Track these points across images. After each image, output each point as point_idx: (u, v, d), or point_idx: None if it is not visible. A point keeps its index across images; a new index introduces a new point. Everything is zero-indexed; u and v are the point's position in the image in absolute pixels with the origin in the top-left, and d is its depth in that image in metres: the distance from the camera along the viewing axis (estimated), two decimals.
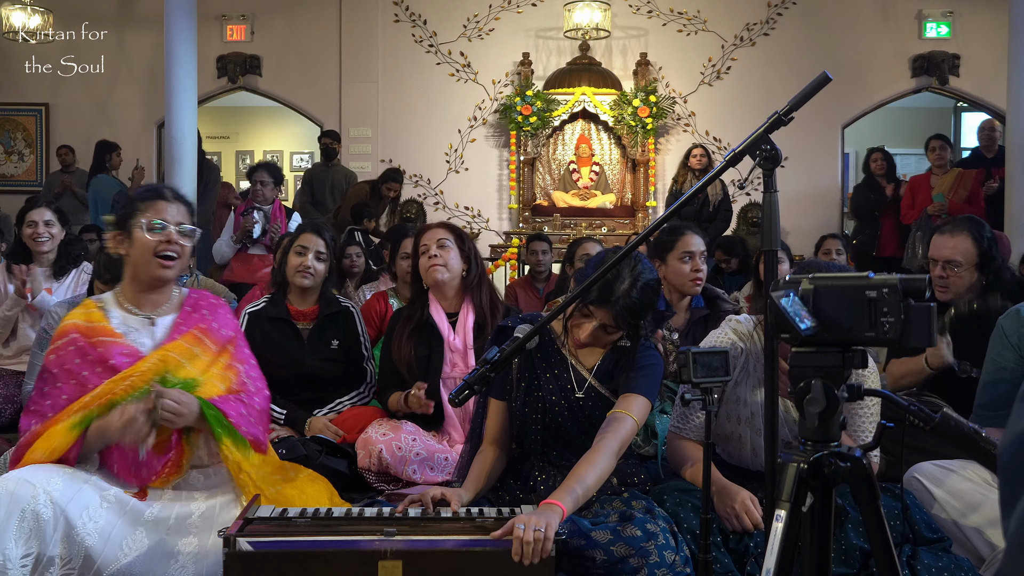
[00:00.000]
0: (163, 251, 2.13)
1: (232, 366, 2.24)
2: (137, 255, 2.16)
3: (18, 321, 3.77)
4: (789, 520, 1.32)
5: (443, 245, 2.94)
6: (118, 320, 2.19)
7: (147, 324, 2.20)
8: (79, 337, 2.13)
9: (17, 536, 1.82)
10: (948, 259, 2.80)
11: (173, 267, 2.16)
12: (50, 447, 1.99)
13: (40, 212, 3.85)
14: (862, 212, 7.55)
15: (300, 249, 3.22)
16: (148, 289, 2.20)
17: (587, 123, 8.50)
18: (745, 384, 2.33)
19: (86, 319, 2.16)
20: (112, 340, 2.13)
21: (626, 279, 2.11)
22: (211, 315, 2.26)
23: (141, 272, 2.18)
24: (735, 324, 2.39)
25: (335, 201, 7.44)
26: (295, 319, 3.23)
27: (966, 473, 2.35)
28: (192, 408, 2.04)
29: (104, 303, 2.22)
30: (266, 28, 8.83)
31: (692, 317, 3.21)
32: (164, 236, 2.13)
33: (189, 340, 2.18)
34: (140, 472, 2.07)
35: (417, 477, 2.78)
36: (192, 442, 2.12)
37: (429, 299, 3.00)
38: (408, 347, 2.96)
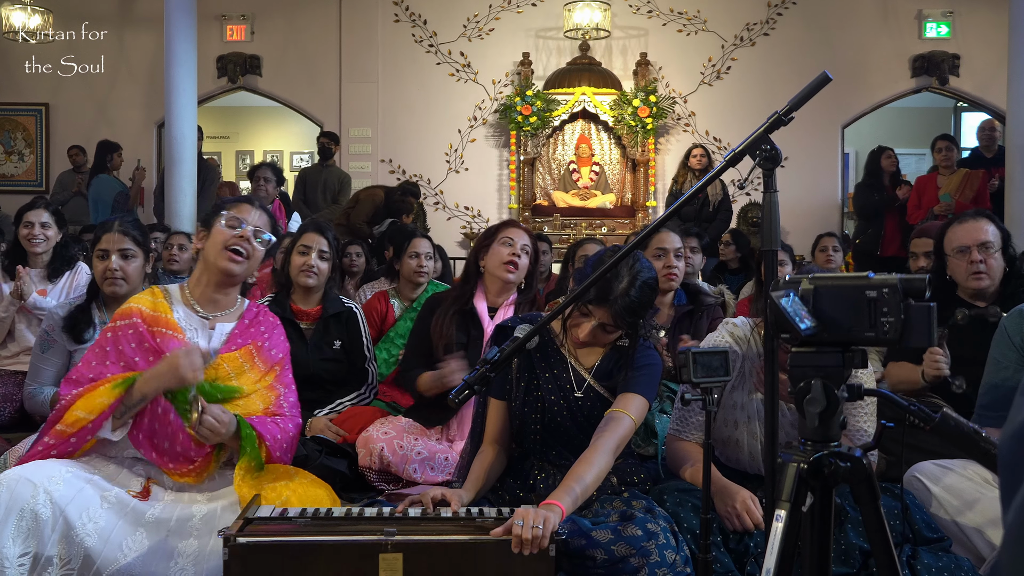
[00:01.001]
0: (234, 244, 2.18)
1: (274, 387, 2.27)
2: (210, 247, 2.22)
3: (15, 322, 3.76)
4: (789, 520, 1.32)
5: (526, 251, 2.99)
6: (180, 315, 2.21)
7: (206, 326, 2.23)
8: (140, 323, 2.15)
9: (15, 535, 1.82)
10: (983, 241, 2.71)
11: (240, 263, 2.20)
12: (92, 405, 2.01)
13: (38, 213, 3.84)
14: (867, 212, 7.54)
15: (303, 249, 3.22)
16: (214, 287, 2.24)
17: (587, 123, 8.50)
18: (741, 388, 2.33)
19: (152, 307, 2.19)
20: (172, 334, 2.16)
21: (624, 278, 2.11)
22: (268, 333, 2.30)
23: (211, 266, 2.22)
24: (731, 328, 2.39)
25: (327, 201, 7.43)
26: (298, 319, 3.23)
27: (965, 472, 2.35)
28: (230, 428, 2.07)
29: (169, 295, 2.25)
30: (266, 28, 8.83)
31: (676, 313, 3.23)
32: (239, 232, 2.20)
33: (243, 355, 2.22)
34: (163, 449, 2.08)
35: (418, 476, 2.78)
36: (220, 456, 2.15)
37: (476, 289, 3.01)
38: (451, 327, 2.95)
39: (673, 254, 3.20)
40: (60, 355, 2.96)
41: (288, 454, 2.24)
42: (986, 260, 2.72)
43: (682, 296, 3.30)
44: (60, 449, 2.04)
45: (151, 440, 2.09)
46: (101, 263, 2.85)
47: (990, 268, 2.73)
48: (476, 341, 2.94)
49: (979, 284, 2.74)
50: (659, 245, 3.21)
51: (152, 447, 2.09)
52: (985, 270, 2.72)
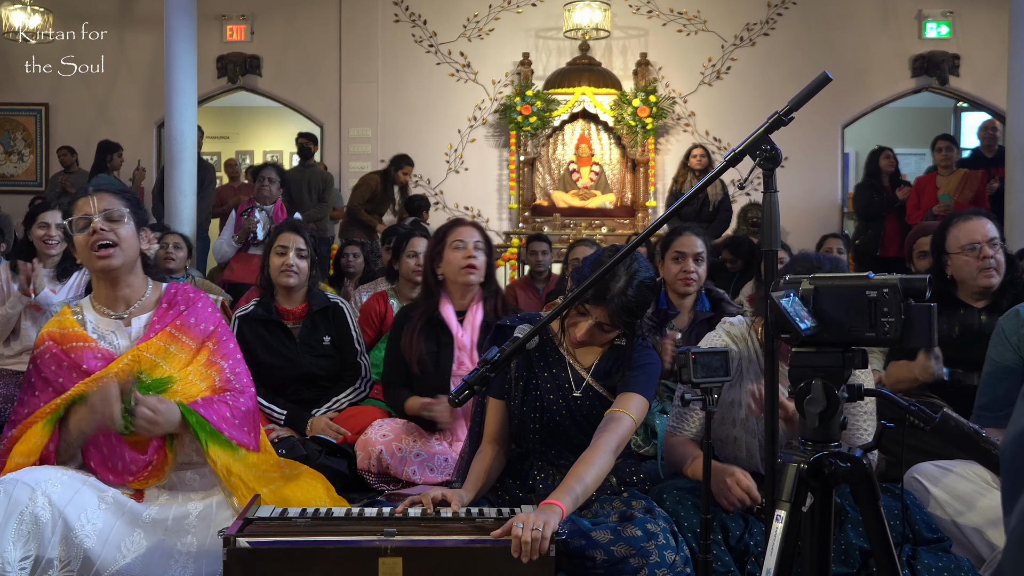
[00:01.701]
0: (95, 243, 2.10)
1: (214, 362, 2.19)
2: (81, 257, 2.15)
3: (20, 320, 3.77)
4: (789, 520, 1.32)
5: (478, 248, 2.94)
6: (92, 324, 2.17)
7: (122, 325, 2.18)
8: (53, 344, 2.12)
9: (15, 539, 1.82)
10: (992, 237, 2.72)
11: (112, 254, 2.11)
12: (27, 448, 2.00)
13: (53, 215, 3.84)
14: (866, 213, 7.54)
15: (280, 249, 3.21)
16: (109, 286, 2.18)
17: (587, 123, 8.50)
18: (739, 386, 2.33)
19: (59, 326, 2.16)
20: (84, 345, 2.12)
21: (622, 277, 2.11)
22: (188, 310, 2.20)
23: (92, 271, 2.17)
24: (728, 327, 2.39)
25: (312, 201, 7.46)
26: (285, 319, 3.22)
27: (965, 473, 2.35)
28: (170, 416, 2.02)
29: (80, 308, 2.21)
30: (266, 28, 8.83)
31: (696, 318, 3.21)
32: (91, 229, 2.10)
33: (164, 338, 2.14)
34: (116, 467, 2.06)
35: (417, 478, 2.78)
36: (175, 448, 2.10)
37: (441, 296, 2.99)
38: (419, 343, 2.94)
39: (692, 258, 3.15)
40: None
41: (246, 428, 2.15)
42: (995, 257, 2.73)
43: (706, 303, 3.27)
44: None
45: (104, 464, 2.07)
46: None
47: (999, 264, 2.74)
48: (447, 348, 2.94)
49: (990, 280, 2.74)
50: (679, 248, 3.17)
51: (107, 470, 2.07)
52: (995, 265, 2.73)
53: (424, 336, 2.95)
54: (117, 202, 2.14)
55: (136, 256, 2.18)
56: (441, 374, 2.92)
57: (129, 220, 2.14)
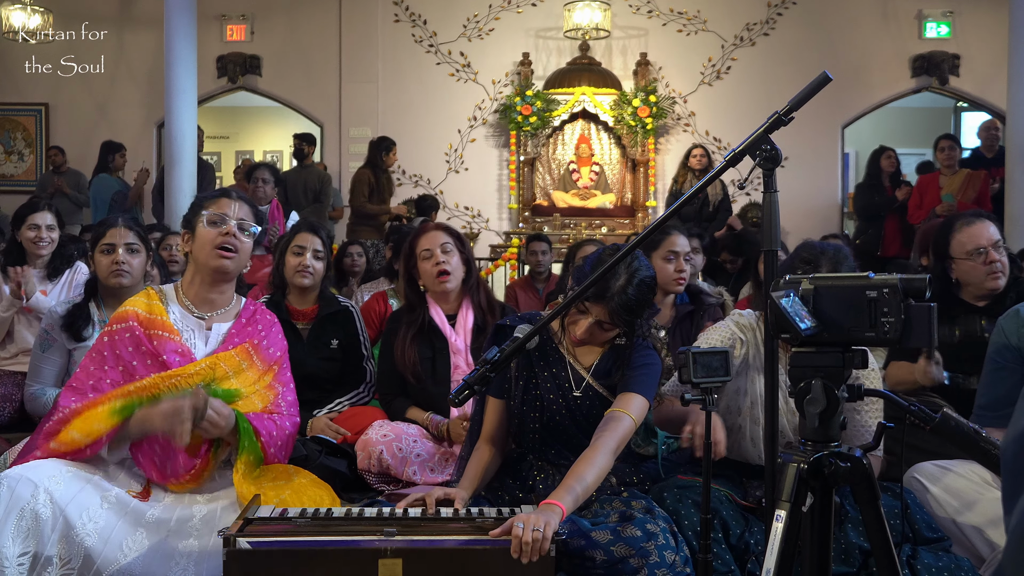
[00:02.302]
0: (222, 243, 2.17)
1: (273, 386, 2.26)
2: (198, 249, 2.20)
3: (14, 323, 3.76)
4: (789, 520, 1.32)
5: (446, 249, 2.92)
6: (177, 316, 2.21)
7: (203, 327, 2.22)
8: (137, 326, 2.14)
9: (15, 534, 1.82)
10: (996, 240, 2.74)
11: (232, 259, 2.19)
12: (88, 429, 2.00)
13: (43, 216, 3.84)
14: (867, 213, 7.54)
15: (297, 249, 3.22)
16: (208, 286, 2.23)
17: (587, 123, 8.51)
18: (745, 375, 2.34)
19: (148, 309, 2.18)
20: (168, 336, 2.15)
21: (622, 275, 2.11)
22: (265, 332, 2.29)
23: (202, 266, 2.21)
24: (737, 317, 2.41)
25: (308, 201, 7.46)
26: (294, 319, 3.23)
27: (965, 472, 2.35)
28: (230, 421, 2.07)
29: (164, 296, 2.24)
30: (266, 28, 8.83)
31: (677, 314, 3.23)
32: (224, 229, 2.18)
33: (240, 353, 2.20)
34: (165, 469, 2.08)
35: (417, 478, 2.78)
36: (218, 455, 2.13)
37: (428, 302, 2.99)
38: (412, 351, 2.93)
39: (683, 257, 3.18)
40: (60, 354, 2.96)
41: (283, 452, 2.23)
42: (1001, 260, 2.75)
43: (684, 296, 3.30)
44: None
45: (152, 460, 2.09)
46: (106, 257, 2.93)
47: (1004, 267, 2.76)
48: (442, 352, 2.93)
49: (997, 283, 2.76)
50: (671, 248, 3.18)
51: (153, 467, 2.09)
52: (1001, 268, 2.76)
53: (417, 343, 2.94)
54: (251, 217, 2.26)
55: (242, 268, 2.28)
56: (439, 380, 2.92)
57: (252, 239, 2.25)
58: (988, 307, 2.78)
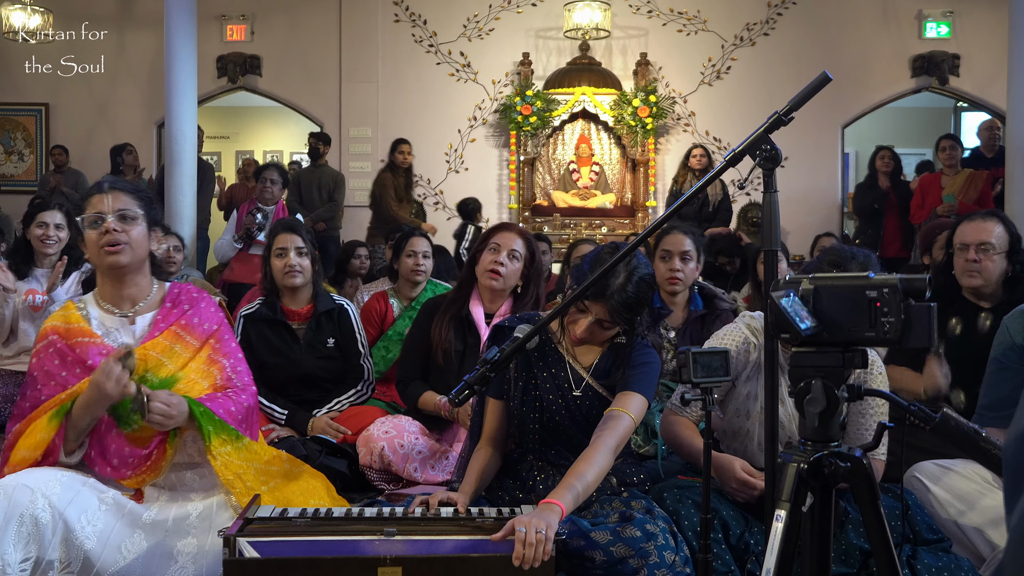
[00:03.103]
0: (105, 242, 2.10)
1: (216, 360, 2.21)
2: (90, 253, 2.16)
3: (18, 321, 3.77)
4: (789, 520, 1.32)
5: (513, 256, 2.89)
6: (97, 321, 2.17)
7: (126, 323, 2.18)
8: (57, 339, 2.12)
9: (16, 541, 1.82)
10: (983, 241, 2.74)
11: (121, 251, 2.11)
12: (34, 441, 1.99)
13: (52, 214, 3.84)
14: (865, 211, 7.54)
15: (279, 251, 3.21)
16: (115, 284, 2.18)
17: (587, 123, 8.50)
18: (756, 379, 2.33)
19: (64, 320, 2.16)
20: (90, 340, 2.12)
21: (621, 274, 2.10)
22: (192, 309, 2.22)
23: (100, 267, 2.17)
24: (748, 320, 2.40)
25: (323, 200, 7.47)
26: (290, 319, 3.22)
27: (965, 472, 2.35)
28: (182, 409, 2.03)
29: (84, 304, 2.21)
30: (266, 28, 8.82)
31: (689, 317, 3.20)
32: (103, 228, 2.10)
33: (168, 337, 2.15)
34: (114, 463, 2.05)
35: (418, 476, 2.78)
36: (175, 444, 2.09)
37: (472, 294, 2.97)
38: (448, 331, 2.92)
39: (679, 257, 3.12)
40: None
41: (246, 426, 2.17)
42: (982, 260, 2.75)
43: (698, 301, 3.26)
44: None
45: (102, 458, 2.07)
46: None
47: (984, 268, 2.75)
48: (473, 348, 2.92)
49: (970, 282, 2.78)
50: (665, 247, 3.15)
51: (105, 463, 2.06)
52: (979, 269, 2.75)
53: (452, 330, 2.93)
54: (132, 201, 2.15)
55: (145, 256, 2.19)
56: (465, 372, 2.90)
57: (142, 221, 2.15)
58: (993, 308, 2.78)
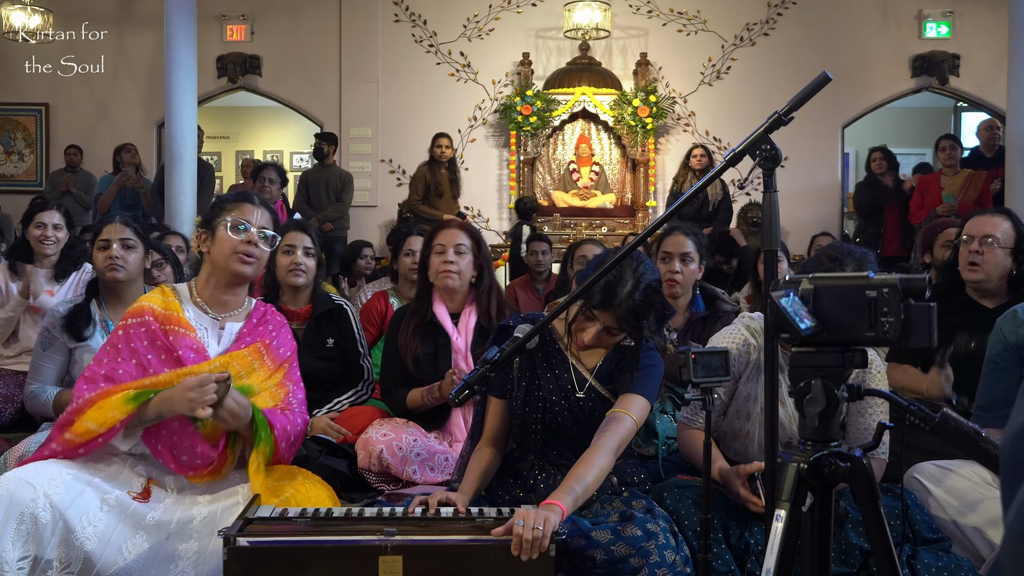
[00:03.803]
0: (243, 250, 2.19)
1: (284, 385, 2.28)
2: (217, 252, 2.21)
3: (19, 322, 3.77)
4: (789, 520, 1.32)
5: (460, 251, 2.90)
6: (191, 314, 2.22)
7: (216, 326, 2.24)
8: (153, 321, 2.16)
9: (15, 538, 1.82)
10: (987, 234, 2.74)
11: (251, 264, 2.21)
12: (103, 418, 2.01)
13: (50, 215, 3.84)
14: (865, 208, 7.55)
15: (287, 248, 3.22)
16: (224, 288, 2.25)
17: (587, 123, 8.50)
18: (756, 381, 2.33)
19: (164, 305, 2.20)
20: (185, 332, 2.16)
21: (628, 281, 2.10)
22: (276, 332, 2.31)
23: (220, 269, 2.23)
24: (748, 321, 2.40)
25: (330, 200, 7.48)
26: (289, 319, 3.22)
27: (966, 472, 2.35)
28: (248, 412, 2.08)
29: (179, 294, 2.26)
30: (266, 28, 8.82)
31: (691, 318, 3.20)
32: (246, 236, 2.19)
33: (252, 352, 2.22)
34: (182, 459, 2.08)
35: (417, 477, 2.78)
36: (235, 450, 2.14)
37: (434, 297, 2.98)
38: (415, 342, 2.93)
39: (679, 259, 3.12)
40: (61, 353, 2.96)
41: (292, 449, 2.25)
42: (984, 254, 2.74)
43: (700, 303, 3.25)
44: (67, 455, 2.05)
45: (171, 452, 2.09)
46: (102, 253, 2.95)
47: (986, 263, 2.75)
48: (444, 349, 2.92)
49: (971, 275, 2.78)
50: (665, 248, 3.14)
51: (172, 459, 2.09)
52: (980, 263, 2.75)
53: (420, 337, 2.94)
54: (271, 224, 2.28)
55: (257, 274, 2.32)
56: (440, 375, 2.92)
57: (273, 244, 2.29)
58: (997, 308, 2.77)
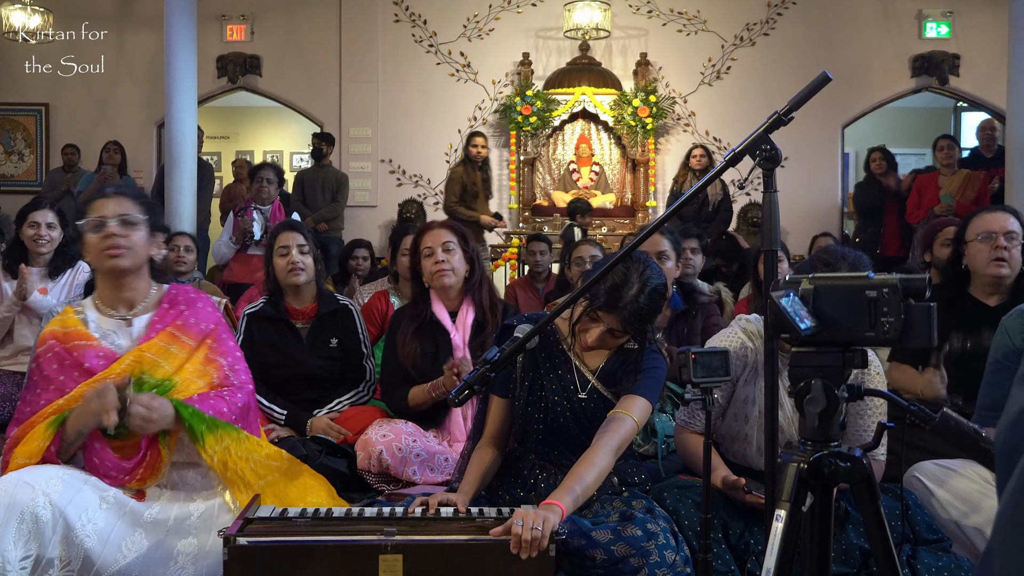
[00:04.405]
0: (105, 245, 2.13)
1: (212, 359, 2.21)
2: (90, 256, 2.18)
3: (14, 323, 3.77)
4: (789, 520, 1.32)
5: (448, 248, 2.91)
6: (95, 324, 2.19)
7: (124, 325, 2.20)
8: (55, 343, 2.14)
9: (16, 538, 1.82)
10: (1011, 230, 2.73)
11: (121, 255, 2.14)
12: (30, 450, 2.01)
13: (43, 214, 3.84)
14: (865, 208, 7.55)
15: (282, 250, 3.21)
16: (114, 286, 2.20)
17: (587, 123, 8.50)
18: (754, 383, 2.33)
19: (62, 325, 2.18)
20: (87, 343, 2.13)
21: (634, 284, 2.10)
22: (188, 309, 2.23)
23: (99, 270, 2.20)
24: (744, 323, 2.39)
25: (326, 200, 7.47)
26: (294, 319, 3.23)
27: (967, 473, 2.35)
28: (164, 412, 2.03)
29: (83, 308, 2.23)
30: (266, 28, 8.82)
31: (672, 315, 3.21)
32: (104, 232, 2.13)
33: (164, 338, 2.16)
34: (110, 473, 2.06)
35: (417, 478, 2.78)
36: (168, 445, 2.10)
37: (431, 297, 2.99)
38: (413, 344, 2.94)
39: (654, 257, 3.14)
40: None
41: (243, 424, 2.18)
42: (1009, 249, 2.74)
43: (678, 300, 3.26)
44: None
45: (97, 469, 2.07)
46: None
47: (1012, 257, 2.75)
48: (445, 346, 2.93)
49: (999, 271, 2.75)
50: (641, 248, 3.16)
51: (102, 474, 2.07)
52: (1008, 258, 2.75)
53: (419, 337, 2.95)
54: (134, 207, 2.18)
55: (145, 260, 2.22)
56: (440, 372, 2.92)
57: (143, 226, 2.18)
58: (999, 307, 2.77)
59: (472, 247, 3.01)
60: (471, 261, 2.99)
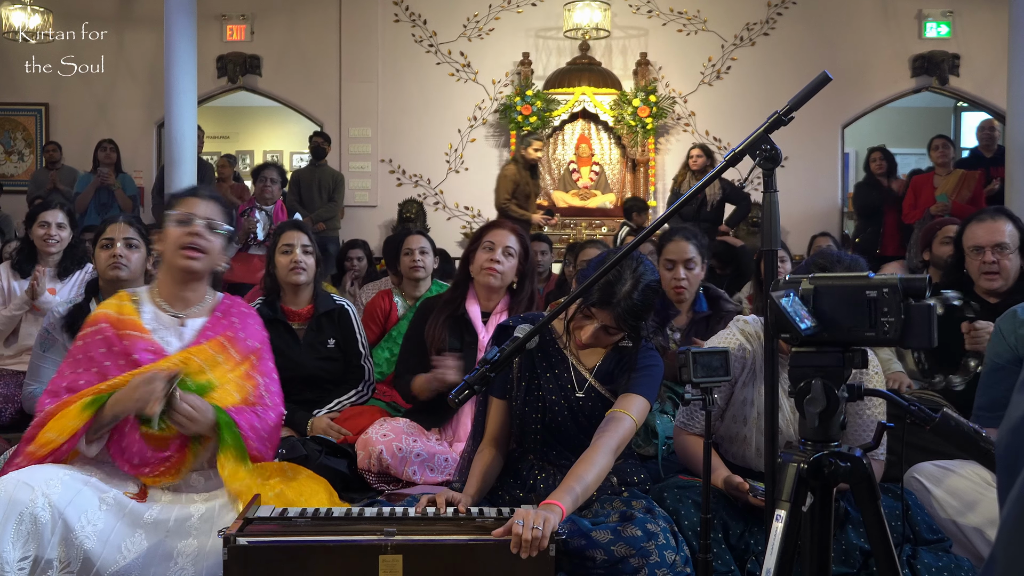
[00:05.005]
0: (187, 243, 2.16)
1: (252, 376, 2.25)
2: (166, 248, 2.20)
3: (20, 322, 3.77)
4: (789, 520, 1.32)
5: (508, 253, 2.90)
6: (149, 316, 2.21)
7: (177, 324, 2.22)
8: (108, 327, 2.15)
9: (15, 539, 1.81)
10: (999, 242, 2.73)
11: (198, 259, 2.19)
12: (63, 426, 2.01)
13: (54, 214, 3.85)
14: (865, 210, 7.55)
15: (286, 248, 3.22)
16: (178, 284, 2.23)
17: (587, 123, 8.50)
18: (752, 385, 2.33)
19: (118, 310, 2.19)
20: (139, 335, 2.15)
21: (627, 281, 2.10)
22: (240, 323, 2.28)
23: (170, 265, 2.21)
24: (742, 325, 2.39)
25: (322, 200, 7.47)
26: (290, 320, 3.23)
27: (966, 472, 2.35)
28: (207, 416, 2.05)
29: (138, 297, 2.25)
30: (266, 28, 8.82)
31: (694, 318, 3.20)
32: (190, 229, 2.17)
33: (214, 346, 2.20)
34: (132, 461, 2.07)
35: (417, 478, 2.78)
36: (196, 451, 2.12)
37: (469, 293, 2.97)
38: (442, 334, 2.91)
39: (683, 265, 3.12)
40: (60, 353, 2.97)
41: (267, 444, 2.21)
42: (1000, 261, 2.75)
43: (703, 303, 3.25)
44: None
45: (121, 455, 2.08)
46: (105, 252, 3.03)
47: (1003, 268, 2.76)
48: (471, 346, 2.91)
49: (991, 285, 2.77)
50: (669, 256, 3.13)
51: (124, 461, 2.08)
52: (998, 271, 2.75)
53: (449, 330, 2.93)
54: (222, 216, 2.25)
55: (213, 268, 2.27)
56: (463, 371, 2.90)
57: (224, 236, 2.24)
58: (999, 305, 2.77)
59: (530, 264, 2.98)
60: (522, 275, 2.97)
